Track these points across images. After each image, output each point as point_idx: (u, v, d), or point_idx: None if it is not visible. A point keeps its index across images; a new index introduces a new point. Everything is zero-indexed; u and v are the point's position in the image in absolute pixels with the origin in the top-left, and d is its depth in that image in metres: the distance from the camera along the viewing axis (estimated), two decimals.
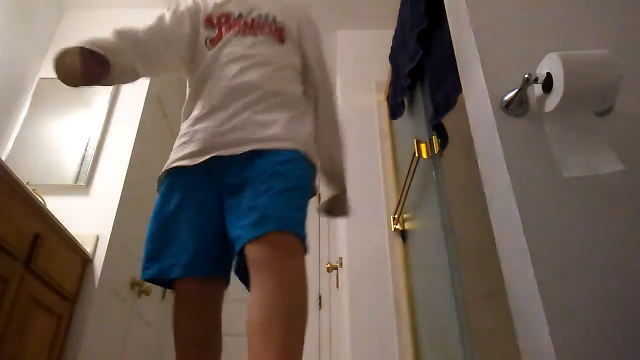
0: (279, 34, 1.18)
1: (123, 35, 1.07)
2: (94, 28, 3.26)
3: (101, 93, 2.61)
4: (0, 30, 2.40)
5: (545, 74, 0.88)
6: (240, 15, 1.19)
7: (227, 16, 1.20)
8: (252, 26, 1.17)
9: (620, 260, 0.79)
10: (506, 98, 0.93)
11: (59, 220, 1.79)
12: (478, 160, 1.01)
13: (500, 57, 1.00)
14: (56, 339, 1.81)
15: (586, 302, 0.76)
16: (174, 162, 1.05)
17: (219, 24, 1.19)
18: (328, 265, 2.73)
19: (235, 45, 1.13)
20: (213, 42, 1.15)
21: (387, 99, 2.60)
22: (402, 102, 2.31)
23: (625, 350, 0.72)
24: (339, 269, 2.55)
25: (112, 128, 2.53)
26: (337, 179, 1.21)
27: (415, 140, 1.94)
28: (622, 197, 0.85)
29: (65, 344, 1.87)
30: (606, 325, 0.74)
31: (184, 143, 1.05)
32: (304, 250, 0.91)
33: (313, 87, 1.19)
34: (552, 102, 0.87)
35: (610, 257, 0.79)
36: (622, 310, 0.75)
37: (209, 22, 1.20)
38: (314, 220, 2.32)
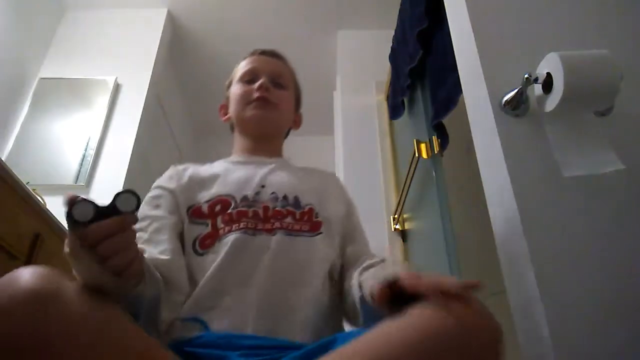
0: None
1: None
2: (95, 28, 3.22)
3: (101, 93, 2.61)
4: (1, 30, 2.40)
5: (545, 74, 0.88)
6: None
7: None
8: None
9: (621, 260, 0.79)
10: (506, 98, 0.93)
11: (59, 220, 1.78)
12: (478, 160, 1.01)
13: (500, 57, 1.00)
14: None
15: (586, 302, 0.76)
16: None
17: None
18: None
19: None
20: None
21: (387, 99, 2.60)
22: (402, 102, 2.31)
23: (625, 350, 0.72)
24: None
25: (112, 128, 2.53)
26: None
27: (415, 140, 1.94)
28: (623, 197, 0.85)
29: None
30: (606, 325, 0.74)
31: None
32: None
33: None
34: (552, 102, 0.87)
35: (611, 257, 0.79)
36: (622, 310, 0.75)
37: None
38: None
